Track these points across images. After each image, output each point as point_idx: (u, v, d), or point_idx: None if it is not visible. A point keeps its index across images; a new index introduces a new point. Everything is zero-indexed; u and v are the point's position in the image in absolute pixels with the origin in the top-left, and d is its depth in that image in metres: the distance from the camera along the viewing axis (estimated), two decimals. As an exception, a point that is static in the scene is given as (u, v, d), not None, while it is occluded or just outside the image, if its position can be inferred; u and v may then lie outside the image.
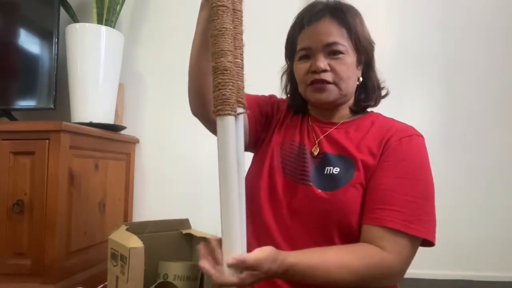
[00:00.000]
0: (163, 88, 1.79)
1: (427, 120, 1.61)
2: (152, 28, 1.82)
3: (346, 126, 0.84)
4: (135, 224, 1.06)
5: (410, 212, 0.70)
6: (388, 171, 0.74)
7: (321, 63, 0.77)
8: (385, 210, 0.70)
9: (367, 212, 0.73)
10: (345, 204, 0.73)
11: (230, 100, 0.59)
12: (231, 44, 0.60)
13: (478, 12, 1.62)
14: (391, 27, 1.66)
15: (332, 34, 0.78)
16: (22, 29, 1.56)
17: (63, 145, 1.21)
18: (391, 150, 0.75)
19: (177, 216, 1.16)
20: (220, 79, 0.59)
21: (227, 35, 0.60)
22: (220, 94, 0.59)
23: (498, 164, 1.56)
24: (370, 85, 0.86)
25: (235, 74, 0.61)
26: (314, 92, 0.80)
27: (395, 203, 0.71)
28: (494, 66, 1.60)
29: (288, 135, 0.87)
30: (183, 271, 0.98)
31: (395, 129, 0.79)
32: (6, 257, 1.18)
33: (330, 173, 0.77)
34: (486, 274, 1.50)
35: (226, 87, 0.59)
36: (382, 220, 0.70)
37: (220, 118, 0.60)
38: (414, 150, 0.77)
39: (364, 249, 0.69)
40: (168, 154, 1.76)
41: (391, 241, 0.69)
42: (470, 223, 1.53)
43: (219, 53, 0.60)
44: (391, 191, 0.72)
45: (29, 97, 1.54)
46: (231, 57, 0.60)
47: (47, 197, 1.19)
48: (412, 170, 0.74)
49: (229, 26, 0.60)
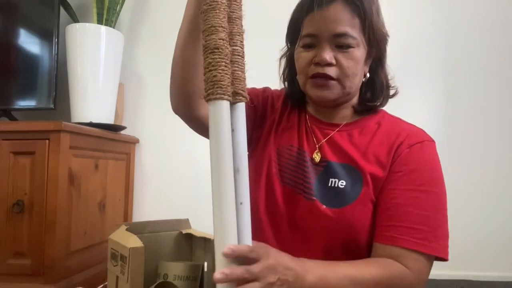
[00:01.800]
0: (163, 88, 1.76)
1: (426, 120, 1.60)
2: (152, 28, 1.82)
3: (349, 129, 0.76)
4: (135, 224, 1.06)
5: (426, 228, 0.65)
6: (400, 183, 0.68)
7: (326, 55, 0.69)
8: (400, 227, 0.65)
9: (380, 230, 0.67)
10: (352, 222, 0.68)
11: (222, 82, 0.50)
12: (223, 20, 0.52)
13: (478, 12, 1.62)
14: (391, 27, 1.66)
15: (343, 23, 0.68)
16: (22, 29, 1.56)
17: (63, 145, 1.21)
18: (401, 159, 0.69)
19: (177, 216, 1.15)
20: (211, 59, 0.51)
21: (218, 9, 0.52)
22: (211, 76, 0.50)
23: (497, 164, 1.56)
24: (378, 83, 0.77)
25: (229, 54, 0.52)
26: (314, 87, 0.72)
27: (409, 219, 0.65)
28: (494, 66, 1.60)
29: (285, 138, 0.79)
30: (183, 271, 0.98)
31: (405, 134, 0.72)
32: (6, 257, 1.18)
33: (335, 186, 0.70)
34: (486, 274, 1.50)
35: (218, 67, 0.50)
36: (398, 240, 0.64)
37: (211, 104, 0.51)
38: (426, 158, 0.70)
39: (389, 263, 0.64)
40: (168, 154, 1.76)
41: (410, 259, 0.64)
42: (470, 223, 1.53)
43: (209, 30, 0.51)
44: (405, 206, 0.66)
45: (29, 97, 1.54)
46: (223, 34, 0.52)
47: (47, 197, 1.19)
48: (426, 182, 0.68)
49: (221, 0, 0.52)
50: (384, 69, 0.79)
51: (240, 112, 0.54)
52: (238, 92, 0.53)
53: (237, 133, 0.54)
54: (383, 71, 0.78)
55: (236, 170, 0.53)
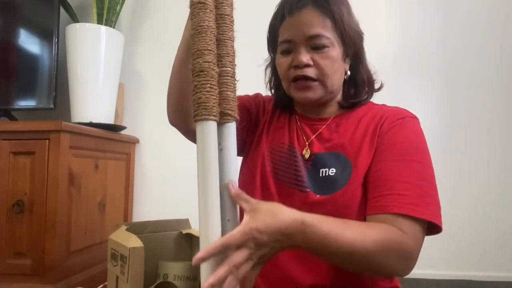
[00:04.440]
0: (163, 88, 1.77)
1: (427, 120, 1.60)
2: (152, 28, 1.82)
3: (336, 120, 0.79)
4: (135, 224, 1.06)
5: (413, 194, 0.65)
6: (384, 156, 0.70)
7: (303, 57, 0.72)
8: (387, 196, 0.66)
9: (369, 203, 0.68)
10: (344, 205, 0.70)
11: (206, 103, 0.53)
12: (210, 43, 0.55)
13: (478, 12, 1.62)
14: (391, 27, 1.66)
15: (315, 25, 0.72)
16: (22, 29, 1.56)
17: (63, 145, 1.21)
18: (384, 135, 0.71)
19: (177, 216, 1.15)
20: (196, 82, 0.54)
21: (205, 33, 0.55)
22: (196, 98, 0.54)
23: (497, 164, 1.56)
24: (360, 78, 0.80)
25: (215, 75, 0.55)
26: (297, 90, 0.75)
27: (395, 187, 0.66)
28: (494, 66, 1.60)
29: (276, 137, 0.82)
30: (183, 271, 0.98)
31: (388, 114, 0.74)
32: (6, 257, 1.18)
33: (326, 175, 0.73)
34: (486, 274, 1.50)
35: (203, 89, 0.53)
36: (387, 207, 0.65)
37: (197, 124, 0.54)
38: (409, 131, 0.72)
39: (386, 226, 0.63)
40: (168, 154, 1.76)
41: (403, 224, 0.63)
42: (470, 223, 1.53)
43: (195, 54, 0.55)
44: (390, 175, 0.67)
45: (29, 97, 1.54)
46: (209, 56, 0.55)
47: (47, 197, 1.19)
48: (409, 153, 0.69)
49: (207, 24, 0.55)
50: (364, 65, 0.81)
51: (229, 131, 0.56)
52: (226, 112, 0.55)
53: (227, 152, 0.56)
54: (364, 67, 0.81)
55: (225, 187, 0.56)
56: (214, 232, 0.53)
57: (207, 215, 0.53)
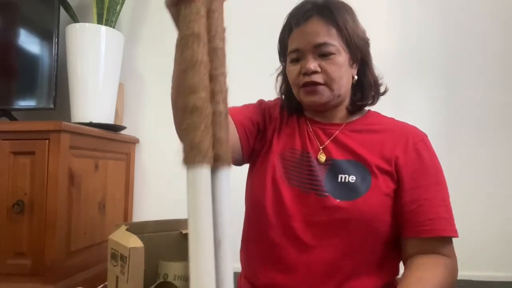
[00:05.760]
0: (163, 88, 1.78)
1: (427, 120, 1.60)
2: (152, 28, 1.82)
3: (350, 127, 0.82)
4: (135, 224, 1.06)
5: (449, 215, 0.74)
6: (422, 181, 0.75)
7: (310, 65, 0.76)
8: (435, 220, 0.72)
9: (417, 226, 0.73)
10: (368, 213, 0.72)
11: (201, 146, 0.46)
12: (204, 78, 0.48)
13: (478, 12, 1.62)
14: (391, 27, 1.66)
15: (320, 34, 0.76)
16: (22, 29, 1.56)
17: (63, 145, 1.21)
18: (415, 159, 0.76)
19: (177, 216, 1.15)
20: (189, 121, 0.46)
21: (198, 67, 0.48)
22: (188, 140, 0.46)
23: (498, 164, 1.56)
24: (366, 83, 0.84)
25: (209, 113, 0.48)
26: (306, 95, 0.79)
27: (439, 211, 0.73)
28: (494, 66, 1.59)
29: (287, 143, 0.84)
30: (183, 271, 0.98)
31: (407, 133, 0.80)
32: (6, 257, 1.18)
33: (346, 181, 0.75)
34: (486, 274, 1.50)
35: (197, 129, 0.46)
36: (437, 231, 0.72)
37: (189, 170, 0.46)
38: (431, 153, 0.79)
39: (439, 262, 0.72)
40: (168, 154, 1.76)
41: (448, 246, 0.73)
42: (470, 223, 1.53)
43: (187, 89, 0.47)
44: (433, 200, 0.74)
45: (29, 97, 1.54)
46: (204, 93, 0.48)
47: (47, 197, 1.18)
48: (439, 174, 0.77)
49: (200, 58, 0.49)
50: (371, 70, 0.85)
51: (221, 178, 0.49)
52: (220, 156, 0.48)
53: (219, 202, 0.49)
54: (371, 72, 0.85)
55: (218, 242, 0.47)
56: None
57: (198, 274, 0.42)
